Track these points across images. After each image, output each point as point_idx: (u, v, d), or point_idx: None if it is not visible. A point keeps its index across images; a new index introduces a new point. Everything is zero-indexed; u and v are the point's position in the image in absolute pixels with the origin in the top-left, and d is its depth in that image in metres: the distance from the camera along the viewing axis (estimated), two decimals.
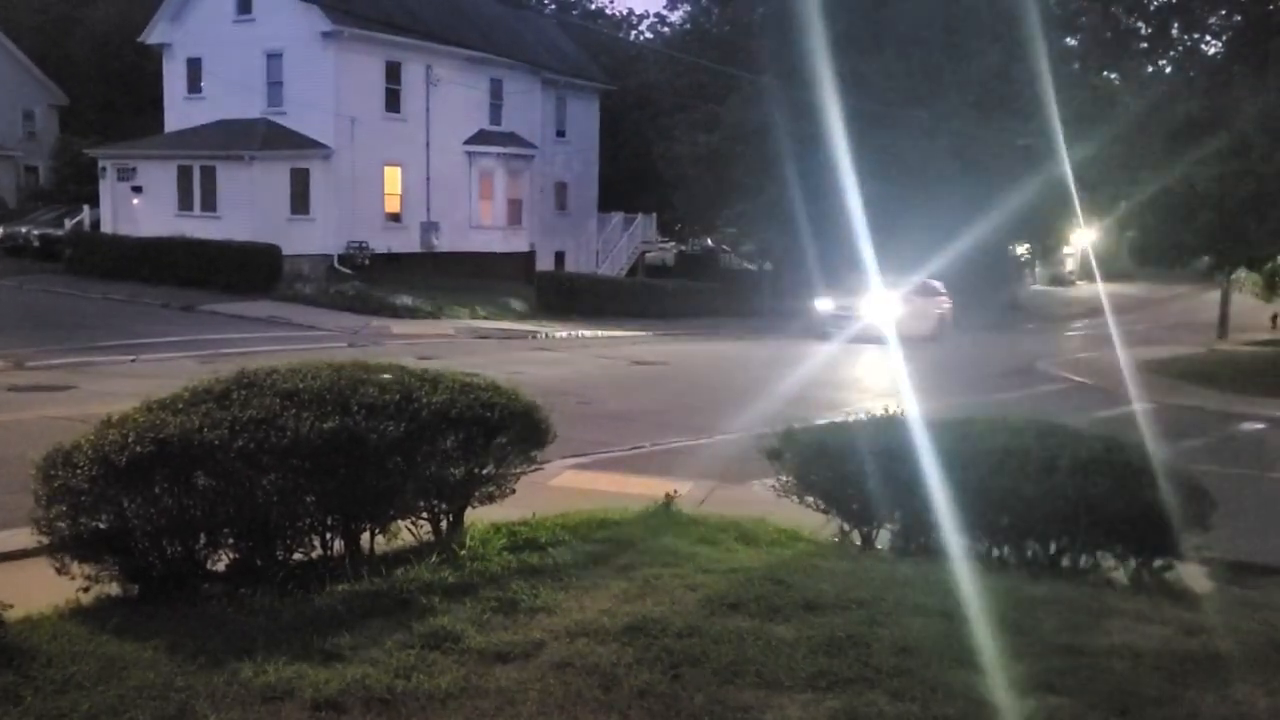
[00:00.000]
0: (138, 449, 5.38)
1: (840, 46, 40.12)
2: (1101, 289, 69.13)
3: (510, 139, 39.34)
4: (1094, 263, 75.68)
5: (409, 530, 6.72)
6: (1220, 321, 40.78)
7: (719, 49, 41.58)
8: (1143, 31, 26.33)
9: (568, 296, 32.90)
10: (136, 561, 5.59)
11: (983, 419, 7.70)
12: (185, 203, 33.37)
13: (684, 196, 43.81)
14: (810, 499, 7.70)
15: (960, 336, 35.44)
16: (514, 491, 7.26)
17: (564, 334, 27.81)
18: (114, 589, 5.65)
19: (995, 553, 7.21)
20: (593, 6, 62.33)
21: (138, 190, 34.45)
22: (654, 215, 46.71)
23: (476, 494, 7.00)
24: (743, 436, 13.20)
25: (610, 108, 46.02)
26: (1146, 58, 26.42)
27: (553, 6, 57.57)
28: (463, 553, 6.56)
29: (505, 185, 39.10)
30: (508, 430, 6.90)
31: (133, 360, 17.95)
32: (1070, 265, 77.90)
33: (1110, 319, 49.87)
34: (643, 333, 29.83)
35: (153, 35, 37.21)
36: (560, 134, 42.98)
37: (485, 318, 29.02)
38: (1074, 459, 6.91)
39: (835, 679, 4.58)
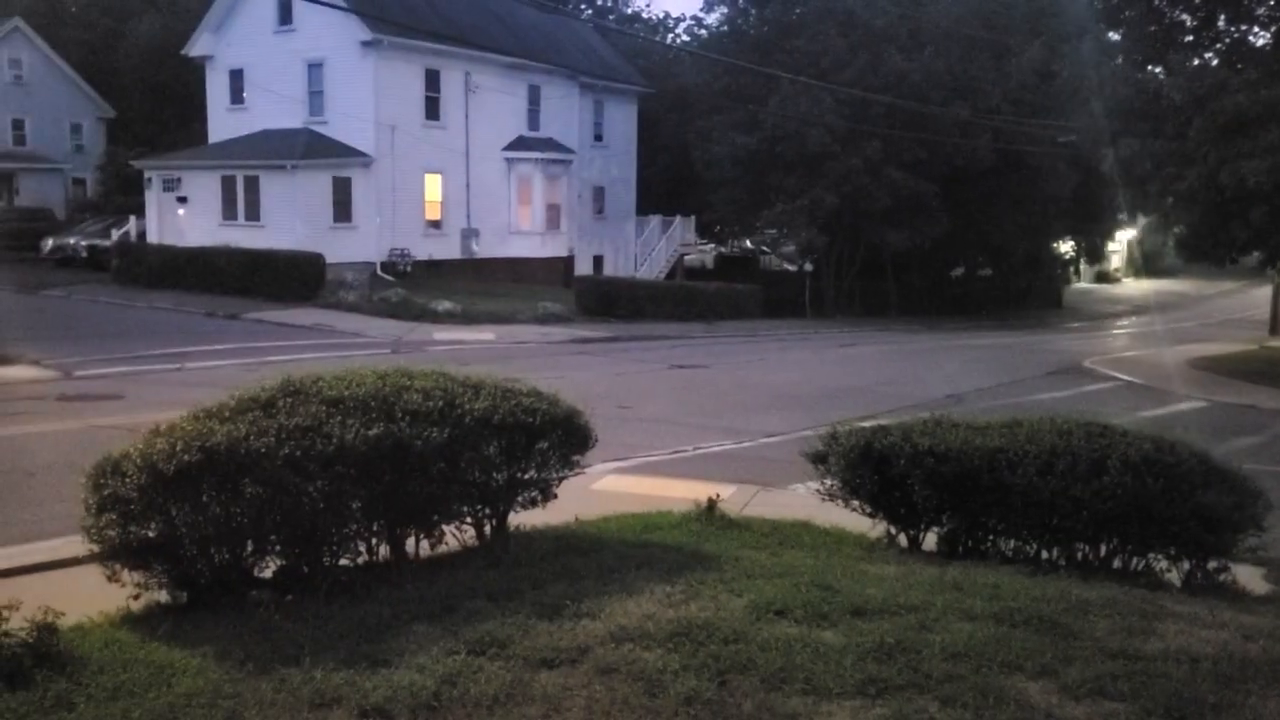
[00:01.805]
0: (185, 457, 5.43)
1: (879, 45, 39.98)
2: (1148, 286, 68.33)
3: (548, 144, 39.46)
4: (1140, 259, 74.95)
5: (453, 535, 6.73)
6: (1272, 318, 40.04)
7: (756, 50, 41.45)
8: (1188, 24, 25.88)
9: (606, 300, 32.90)
10: (185, 569, 5.65)
11: (1030, 419, 7.59)
12: (229, 212, 33.78)
13: (723, 198, 43.71)
14: (856, 503, 7.63)
15: None
16: (556, 496, 7.27)
17: (601, 337, 27.80)
18: (163, 596, 5.71)
19: (1045, 555, 7.11)
20: (629, 11, 62.43)
21: (183, 200, 34.94)
22: (692, 217, 46.67)
23: (519, 498, 7.02)
24: (786, 439, 13.15)
25: (648, 111, 46.03)
26: (1193, 51, 25.95)
27: (589, 11, 57.69)
28: (506, 557, 6.57)
29: (544, 190, 39.24)
30: (549, 435, 6.91)
31: (179, 369, 18.18)
32: (1116, 262, 76.98)
33: (1158, 316, 49.26)
34: (682, 336, 29.76)
35: (196, 48, 37.76)
36: (598, 138, 43.06)
37: (525, 322, 29.10)
38: (1124, 459, 6.80)
39: (885, 686, 4.52)
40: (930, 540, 7.49)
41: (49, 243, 37.66)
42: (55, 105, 48.09)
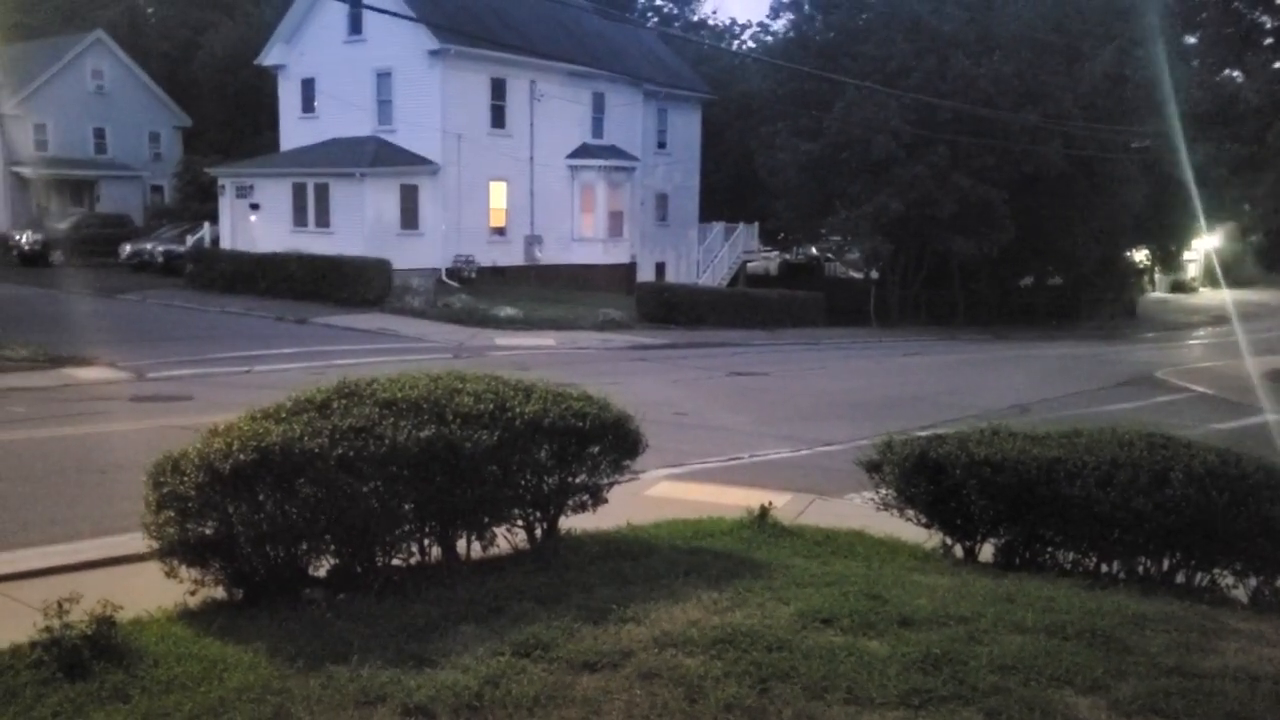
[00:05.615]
0: (241, 457, 5.53)
1: (946, 50, 39.51)
2: (1226, 295, 66.55)
3: (612, 152, 39.62)
4: (1218, 268, 73.12)
5: (504, 538, 6.78)
6: None
7: (822, 56, 41.22)
8: (1268, 26, 25.23)
9: (668, 307, 32.90)
10: (241, 566, 5.76)
11: (1090, 430, 7.44)
12: (300, 219, 34.44)
13: (786, 205, 43.53)
14: (911, 513, 7.53)
15: None
16: (607, 500, 7.28)
17: (661, 344, 27.80)
18: (220, 592, 5.83)
19: (1105, 568, 6.96)
20: (695, 18, 62.50)
21: (255, 207, 35.70)
22: (755, 224, 46.51)
23: (570, 502, 7.05)
24: (844, 448, 13.03)
25: (711, 118, 46.01)
26: (1272, 53, 25.27)
27: (654, 19, 57.87)
28: (556, 560, 6.60)
29: (607, 197, 39.40)
30: (600, 440, 6.93)
31: (248, 371, 18.56)
32: (1192, 271, 75.22)
33: (1235, 326, 47.91)
34: (743, 343, 29.67)
35: (269, 58, 38.59)
36: (661, 145, 43.15)
37: (586, 329, 29.23)
38: (1188, 471, 6.63)
39: (928, 696, 4.46)
40: (987, 551, 7.38)
41: (127, 248, 38.78)
42: (135, 114, 49.45)
